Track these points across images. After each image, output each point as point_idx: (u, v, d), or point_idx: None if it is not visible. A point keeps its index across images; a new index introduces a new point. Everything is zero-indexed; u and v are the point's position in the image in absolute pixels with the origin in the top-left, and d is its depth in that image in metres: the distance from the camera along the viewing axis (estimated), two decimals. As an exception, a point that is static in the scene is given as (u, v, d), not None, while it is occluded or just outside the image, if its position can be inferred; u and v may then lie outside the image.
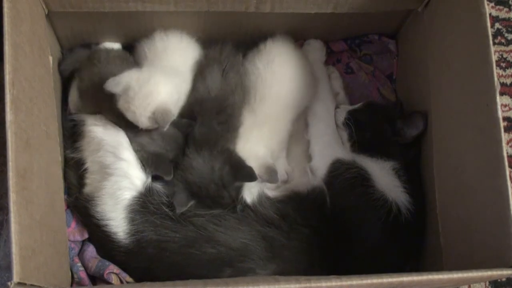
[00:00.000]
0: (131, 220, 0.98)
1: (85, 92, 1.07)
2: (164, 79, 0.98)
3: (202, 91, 1.06)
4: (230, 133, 1.06)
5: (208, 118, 1.04)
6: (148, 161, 1.01)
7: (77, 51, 1.13)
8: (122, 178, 0.99)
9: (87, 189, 1.03)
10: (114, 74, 0.98)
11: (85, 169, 1.04)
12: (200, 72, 1.08)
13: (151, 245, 0.97)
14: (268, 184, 1.07)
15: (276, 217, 1.00)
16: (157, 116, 0.95)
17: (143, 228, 0.98)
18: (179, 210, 0.98)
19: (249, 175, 1.01)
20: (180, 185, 1.01)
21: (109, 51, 1.11)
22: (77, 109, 1.10)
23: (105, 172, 1.01)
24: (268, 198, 1.04)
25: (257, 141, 1.07)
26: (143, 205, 0.99)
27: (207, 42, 1.13)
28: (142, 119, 0.96)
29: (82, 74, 1.08)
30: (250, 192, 1.04)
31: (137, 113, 0.95)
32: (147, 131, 1.00)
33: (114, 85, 0.96)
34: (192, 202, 1.00)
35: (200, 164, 1.01)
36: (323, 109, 1.12)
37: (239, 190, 1.02)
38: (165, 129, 0.97)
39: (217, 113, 1.05)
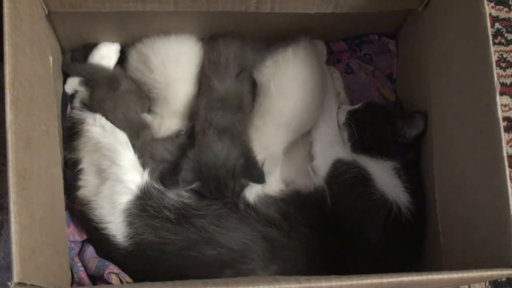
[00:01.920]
0: (130, 224, 0.98)
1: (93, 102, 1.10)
2: (173, 120, 1.13)
3: (221, 91, 1.07)
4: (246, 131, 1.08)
5: (230, 114, 1.05)
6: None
7: (94, 66, 1.13)
8: (117, 183, 0.99)
9: (81, 192, 1.03)
10: (127, 106, 1.09)
11: (80, 170, 1.04)
12: (217, 71, 1.09)
13: (150, 248, 0.97)
14: (273, 185, 1.08)
15: (277, 216, 1.00)
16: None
17: (142, 231, 0.98)
18: (184, 186, 0.99)
19: (258, 177, 1.02)
20: (190, 163, 1.01)
21: (131, 82, 1.13)
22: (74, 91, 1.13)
23: (102, 176, 1.01)
24: (270, 196, 1.04)
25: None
26: (142, 208, 0.99)
27: (214, 38, 1.13)
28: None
29: (96, 91, 1.10)
30: (253, 191, 1.04)
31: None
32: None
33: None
34: (197, 183, 1.00)
35: (219, 147, 1.01)
36: (326, 110, 1.12)
37: (242, 188, 1.02)
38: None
39: (238, 109, 1.06)
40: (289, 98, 1.08)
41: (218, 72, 1.09)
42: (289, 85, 1.08)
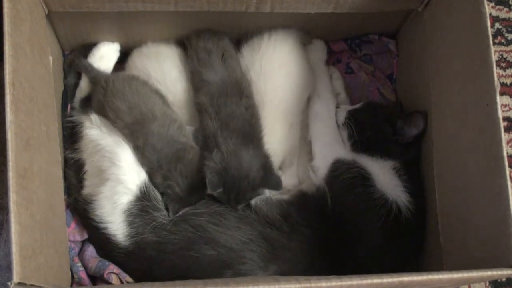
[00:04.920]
0: (130, 223, 0.98)
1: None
2: None
3: (217, 81, 1.05)
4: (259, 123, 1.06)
5: (234, 105, 1.04)
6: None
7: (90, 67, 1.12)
8: (117, 183, 0.99)
9: (85, 191, 1.03)
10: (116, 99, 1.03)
11: (85, 171, 1.04)
12: (203, 64, 1.08)
13: (150, 247, 0.97)
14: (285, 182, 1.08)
15: (278, 217, 1.00)
16: None
17: (142, 231, 0.98)
18: (211, 190, 0.97)
19: (276, 184, 1.01)
20: (216, 167, 0.99)
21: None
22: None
23: (102, 177, 1.01)
24: (275, 198, 1.03)
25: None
26: (142, 209, 0.99)
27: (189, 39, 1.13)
28: None
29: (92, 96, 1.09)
30: None
31: None
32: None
33: None
34: (221, 189, 0.98)
35: (244, 158, 1.00)
36: (324, 109, 1.12)
37: (256, 197, 1.01)
38: None
39: (240, 97, 1.05)
40: (271, 80, 1.08)
41: (205, 64, 1.07)
42: (268, 68, 1.08)
